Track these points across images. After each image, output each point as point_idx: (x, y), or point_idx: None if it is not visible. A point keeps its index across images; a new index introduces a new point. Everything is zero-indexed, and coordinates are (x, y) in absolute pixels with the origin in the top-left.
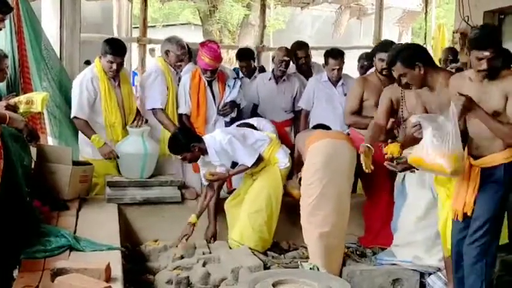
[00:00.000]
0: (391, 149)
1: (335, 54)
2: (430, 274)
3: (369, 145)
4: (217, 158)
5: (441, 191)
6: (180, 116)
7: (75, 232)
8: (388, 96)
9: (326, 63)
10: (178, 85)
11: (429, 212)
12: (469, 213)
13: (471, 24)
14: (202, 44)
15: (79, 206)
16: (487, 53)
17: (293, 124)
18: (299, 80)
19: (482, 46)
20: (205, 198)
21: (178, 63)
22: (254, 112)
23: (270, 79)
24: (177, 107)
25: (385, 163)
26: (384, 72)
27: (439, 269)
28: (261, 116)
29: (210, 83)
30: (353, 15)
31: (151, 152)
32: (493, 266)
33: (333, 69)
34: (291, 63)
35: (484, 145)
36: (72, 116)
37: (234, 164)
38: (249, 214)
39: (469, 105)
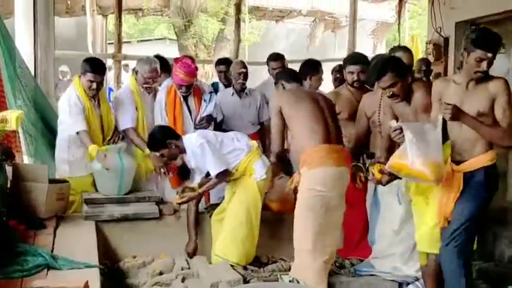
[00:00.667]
0: (373, 171)
1: (274, 57)
2: (408, 284)
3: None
4: (194, 160)
5: (419, 200)
6: None
7: (52, 250)
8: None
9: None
10: (150, 104)
11: (404, 225)
12: (449, 219)
13: (443, 35)
14: (176, 60)
15: (56, 224)
16: (490, 54)
17: (260, 136)
18: (260, 93)
19: (488, 47)
20: (189, 218)
21: (145, 85)
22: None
23: (232, 94)
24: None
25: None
26: (355, 85)
27: (417, 279)
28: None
29: (185, 98)
30: (327, 27)
31: (128, 168)
32: (469, 266)
33: (274, 69)
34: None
35: (465, 149)
36: (76, 132)
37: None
38: (230, 228)
39: (457, 114)
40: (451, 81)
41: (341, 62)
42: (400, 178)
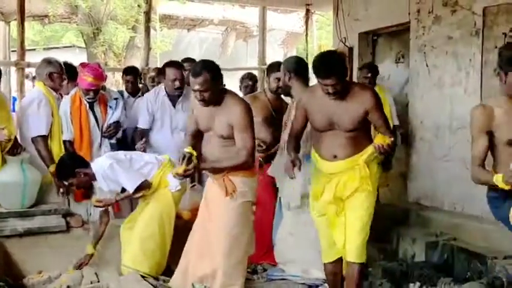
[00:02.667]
0: (383, 139)
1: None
2: (317, 286)
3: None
4: (105, 184)
5: (331, 208)
6: (64, 142)
7: None
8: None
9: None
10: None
11: (300, 228)
12: None
13: (348, 45)
14: (83, 65)
15: None
16: None
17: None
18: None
19: None
20: (101, 225)
21: (63, 83)
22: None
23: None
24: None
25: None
26: (279, 91)
27: (325, 281)
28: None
29: (91, 106)
30: (239, 37)
31: (32, 180)
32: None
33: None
34: None
35: None
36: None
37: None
38: (141, 239)
39: None
40: (493, 108)
41: (253, 70)
42: None
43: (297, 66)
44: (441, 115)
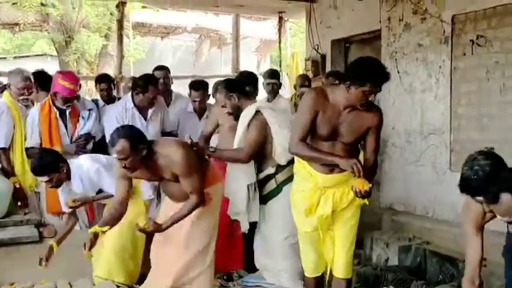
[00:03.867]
0: (362, 185)
1: (197, 86)
2: None
3: None
4: (81, 185)
5: (326, 222)
6: (26, 149)
7: None
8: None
9: (189, 94)
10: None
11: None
12: None
13: (320, 52)
14: (59, 72)
15: None
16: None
17: None
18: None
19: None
20: (66, 224)
21: (21, 97)
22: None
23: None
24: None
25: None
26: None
27: None
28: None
29: (61, 115)
30: (213, 44)
31: (3, 190)
32: None
33: (194, 101)
34: None
35: None
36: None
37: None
38: (113, 248)
39: None
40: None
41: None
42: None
43: (240, 86)
44: (412, 121)
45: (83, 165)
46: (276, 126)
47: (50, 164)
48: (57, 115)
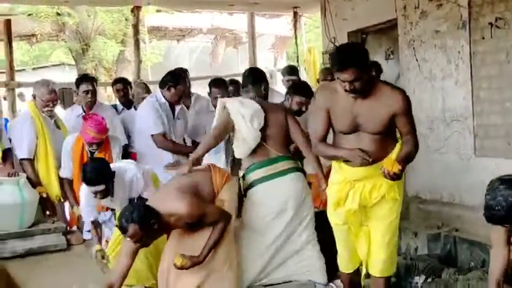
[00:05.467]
0: (391, 165)
1: (217, 83)
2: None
3: None
4: (126, 192)
5: (355, 217)
6: (61, 179)
7: None
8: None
9: (210, 92)
10: (53, 129)
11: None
12: None
13: (337, 44)
14: (85, 118)
15: None
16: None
17: None
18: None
19: None
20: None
21: (46, 108)
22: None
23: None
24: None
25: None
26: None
27: None
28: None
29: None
30: (229, 44)
31: (30, 200)
32: None
33: (216, 97)
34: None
35: None
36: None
37: None
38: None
39: None
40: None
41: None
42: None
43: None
44: (434, 108)
45: (127, 171)
46: (239, 119)
47: (106, 174)
48: (89, 154)
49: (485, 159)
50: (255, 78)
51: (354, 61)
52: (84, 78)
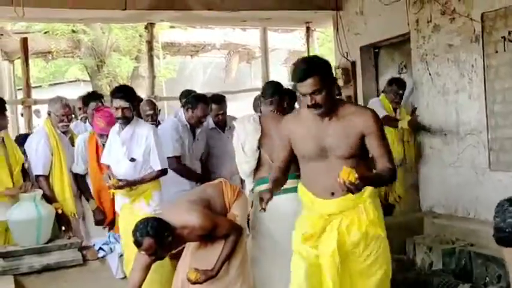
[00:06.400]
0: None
1: (217, 100)
2: None
3: None
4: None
5: (333, 260)
6: (75, 175)
7: None
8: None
9: (210, 109)
10: (68, 147)
11: None
12: None
13: (350, 59)
14: (97, 110)
15: None
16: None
17: None
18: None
19: None
20: None
21: (61, 124)
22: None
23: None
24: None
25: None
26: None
27: None
28: None
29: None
30: (242, 59)
31: (46, 215)
32: None
33: (217, 115)
34: None
35: None
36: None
37: None
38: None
39: None
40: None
41: (257, 92)
42: None
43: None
44: (448, 122)
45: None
46: (235, 140)
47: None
48: (102, 148)
49: (500, 173)
50: (274, 91)
51: (314, 70)
52: (95, 96)
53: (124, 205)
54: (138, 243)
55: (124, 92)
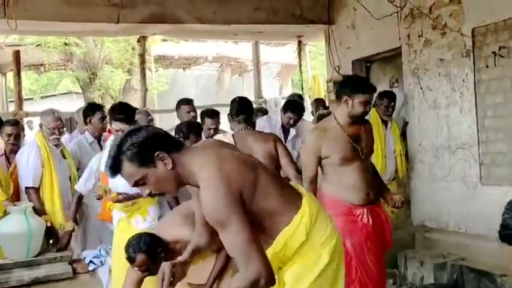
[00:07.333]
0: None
1: (211, 114)
2: None
3: None
4: None
5: None
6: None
7: None
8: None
9: (202, 123)
10: (59, 159)
11: None
12: None
13: (342, 73)
14: (110, 131)
15: None
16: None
17: None
18: None
19: None
20: None
21: (52, 137)
22: None
23: None
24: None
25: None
26: None
27: None
28: None
29: None
30: (234, 72)
31: (37, 228)
32: None
33: (209, 129)
34: None
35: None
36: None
37: None
38: None
39: None
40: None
41: None
42: None
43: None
44: (439, 136)
45: None
46: None
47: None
48: None
49: (491, 187)
50: (247, 108)
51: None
52: (98, 106)
53: (121, 219)
54: (131, 260)
55: (125, 114)
